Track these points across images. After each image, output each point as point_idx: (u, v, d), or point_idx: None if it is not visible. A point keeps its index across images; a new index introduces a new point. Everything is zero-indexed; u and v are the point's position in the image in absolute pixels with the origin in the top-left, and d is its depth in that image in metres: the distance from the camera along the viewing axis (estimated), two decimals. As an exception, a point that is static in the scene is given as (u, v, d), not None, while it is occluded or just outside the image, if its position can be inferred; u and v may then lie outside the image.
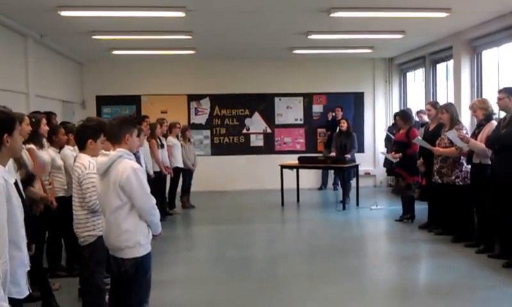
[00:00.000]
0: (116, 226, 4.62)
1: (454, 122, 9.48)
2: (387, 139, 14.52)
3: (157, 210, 4.81)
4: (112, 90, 16.56)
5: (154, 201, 4.76)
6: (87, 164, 5.40)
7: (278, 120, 17.43)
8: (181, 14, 9.96)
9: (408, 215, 11.35)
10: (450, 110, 9.63)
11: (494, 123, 8.54)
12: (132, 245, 4.62)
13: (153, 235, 4.83)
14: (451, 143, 9.21)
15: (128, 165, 4.59)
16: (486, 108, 8.75)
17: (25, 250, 3.58)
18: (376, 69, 17.40)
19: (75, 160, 5.70)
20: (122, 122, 4.84)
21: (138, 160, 5.71)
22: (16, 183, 3.84)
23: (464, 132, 9.31)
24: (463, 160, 9.22)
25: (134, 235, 4.62)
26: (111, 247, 4.76)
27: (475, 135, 8.84)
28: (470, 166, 9.02)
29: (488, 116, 8.71)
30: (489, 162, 8.39)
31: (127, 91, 16.62)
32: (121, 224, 4.60)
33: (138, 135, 5.02)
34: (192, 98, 17.09)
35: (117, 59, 15.73)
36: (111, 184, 4.58)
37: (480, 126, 8.82)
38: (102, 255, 5.37)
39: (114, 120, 4.94)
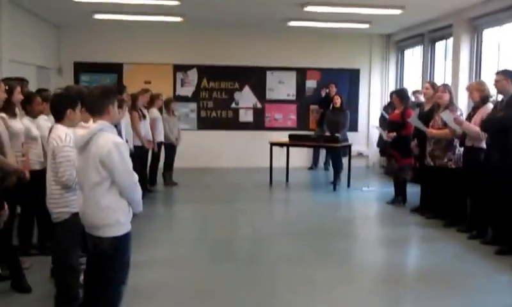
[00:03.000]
0: (95, 203, 4.56)
1: (450, 103, 9.63)
2: (382, 118, 14.62)
3: (139, 188, 4.76)
4: (92, 57, 16.41)
5: (137, 177, 4.70)
6: (63, 136, 5.33)
7: (269, 95, 17.48)
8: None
9: (399, 197, 11.52)
10: (451, 91, 9.80)
11: (490, 105, 8.70)
12: (111, 224, 4.57)
13: (133, 214, 4.78)
14: (445, 125, 9.35)
15: (110, 139, 4.52)
16: (483, 90, 8.90)
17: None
18: (373, 45, 17.49)
19: (50, 131, 5.60)
20: (104, 92, 4.74)
21: (119, 134, 5.70)
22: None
23: (459, 113, 9.46)
24: (457, 142, 9.38)
25: (113, 213, 4.57)
26: (88, 225, 4.69)
27: (470, 117, 8.99)
28: (462, 149, 9.18)
29: (484, 99, 8.86)
30: (483, 146, 8.56)
31: (108, 59, 16.50)
32: (100, 200, 4.54)
33: (120, 107, 4.95)
34: (178, 68, 17.10)
35: (98, 24, 15.54)
36: (91, 159, 4.52)
37: (475, 108, 8.99)
38: (77, 233, 5.28)
39: (95, 89, 4.84)
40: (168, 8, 13.08)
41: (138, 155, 11.10)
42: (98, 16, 14.21)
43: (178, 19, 14.57)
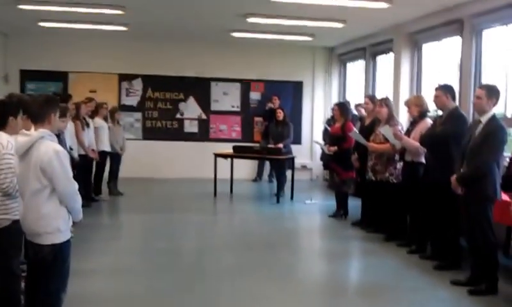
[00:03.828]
0: (35, 210, 4.60)
1: (390, 117, 9.76)
2: (325, 131, 14.75)
3: (79, 196, 4.81)
4: (39, 65, 16.25)
5: (76, 186, 4.75)
6: (5, 143, 5.32)
7: (214, 106, 17.51)
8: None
9: (341, 211, 11.58)
10: (389, 105, 9.92)
11: (428, 120, 8.85)
12: (50, 231, 4.60)
13: (73, 222, 4.83)
14: (386, 139, 9.45)
15: (51, 147, 4.57)
16: (421, 105, 9.02)
17: None
18: (316, 58, 17.67)
19: None
20: (47, 100, 4.79)
21: (62, 143, 5.66)
22: None
23: (400, 128, 9.59)
24: (397, 157, 9.49)
25: (53, 220, 4.61)
26: (29, 232, 4.73)
27: (409, 132, 9.10)
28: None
29: (422, 113, 8.98)
30: (422, 161, 8.68)
31: (53, 67, 16.36)
32: (40, 208, 4.58)
33: (63, 115, 4.97)
34: (123, 77, 17.04)
35: (44, 32, 15.34)
36: (31, 166, 4.56)
37: (414, 123, 9.11)
38: (18, 240, 5.33)
39: (38, 98, 4.89)
40: (112, 17, 13.00)
41: (82, 164, 11.05)
42: (43, 24, 14.07)
43: (123, 28, 14.49)
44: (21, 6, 11.88)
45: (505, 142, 7.18)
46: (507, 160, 7.72)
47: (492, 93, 7.04)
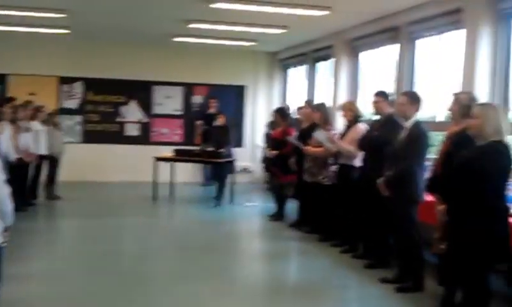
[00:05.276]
0: None
1: (325, 122, 10.10)
2: (266, 135, 15.01)
3: (10, 200, 4.67)
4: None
5: (8, 189, 4.65)
6: None
7: (156, 110, 17.67)
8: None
9: (280, 213, 11.85)
10: (322, 110, 10.26)
11: (360, 125, 9.18)
12: (-22, 236, 4.55)
13: (6, 227, 4.72)
14: (321, 143, 9.74)
15: None
16: (354, 110, 9.41)
17: None
18: (259, 63, 17.97)
19: None
20: None
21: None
22: None
23: (334, 132, 9.91)
24: (331, 160, 9.80)
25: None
26: None
27: (342, 136, 9.43)
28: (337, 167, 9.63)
29: (356, 118, 9.34)
30: (355, 164, 9.01)
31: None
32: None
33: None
34: (63, 80, 17.02)
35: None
36: (-38, 170, 4.50)
37: (347, 127, 9.43)
38: None
39: None
40: (53, 20, 13.00)
41: (18, 168, 11.04)
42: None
43: (64, 31, 14.52)
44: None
45: (428, 146, 7.44)
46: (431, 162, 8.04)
47: (414, 99, 7.40)
